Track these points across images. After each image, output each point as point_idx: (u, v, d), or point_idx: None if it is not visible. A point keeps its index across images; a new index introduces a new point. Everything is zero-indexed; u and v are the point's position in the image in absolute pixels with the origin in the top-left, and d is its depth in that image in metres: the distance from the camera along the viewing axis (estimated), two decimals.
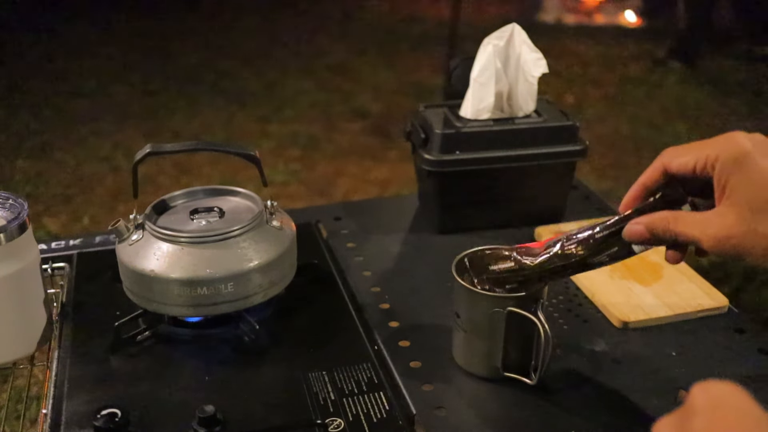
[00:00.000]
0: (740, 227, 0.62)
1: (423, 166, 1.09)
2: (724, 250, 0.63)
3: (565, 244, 0.75)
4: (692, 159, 0.65)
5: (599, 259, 0.73)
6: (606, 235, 0.72)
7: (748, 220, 0.62)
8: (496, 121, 1.10)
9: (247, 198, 0.94)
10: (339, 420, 0.74)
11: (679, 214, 0.67)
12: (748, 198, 0.62)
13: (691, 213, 0.67)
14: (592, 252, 0.73)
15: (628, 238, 0.69)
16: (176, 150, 0.89)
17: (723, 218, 0.63)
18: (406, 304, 0.95)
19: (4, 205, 0.83)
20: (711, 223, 0.64)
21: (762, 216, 0.61)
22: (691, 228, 0.65)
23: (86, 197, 2.86)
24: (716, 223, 0.63)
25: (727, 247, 0.63)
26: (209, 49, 4.54)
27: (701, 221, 0.65)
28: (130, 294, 0.87)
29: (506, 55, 1.08)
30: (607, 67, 4.27)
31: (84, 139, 3.34)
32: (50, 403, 0.77)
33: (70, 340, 0.87)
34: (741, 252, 0.63)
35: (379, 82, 4.04)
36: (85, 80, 4.02)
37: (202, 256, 0.83)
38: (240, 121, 3.56)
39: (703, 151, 0.65)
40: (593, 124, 3.43)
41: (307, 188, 2.92)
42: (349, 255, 1.07)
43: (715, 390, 0.42)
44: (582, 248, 0.73)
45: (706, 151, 0.65)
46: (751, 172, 0.62)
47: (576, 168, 1.14)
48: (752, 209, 0.61)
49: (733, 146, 0.63)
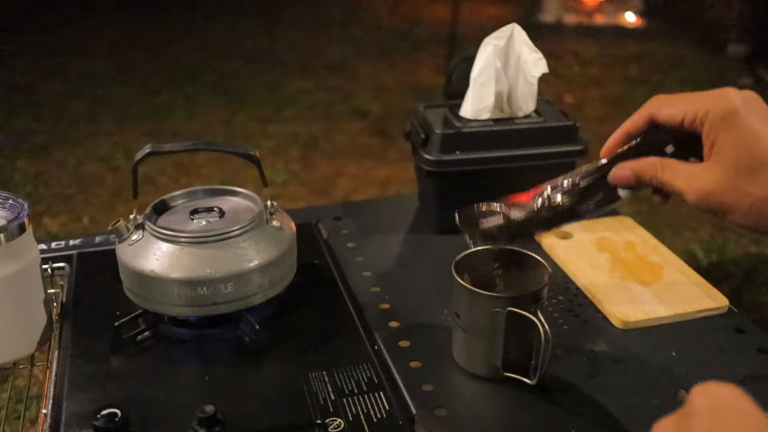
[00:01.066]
0: (725, 184, 0.62)
1: (423, 166, 1.09)
2: (707, 205, 0.63)
3: (550, 195, 0.74)
4: (681, 111, 0.65)
5: (586, 206, 0.73)
6: (590, 181, 0.72)
7: (732, 178, 0.61)
8: (496, 121, 1.10)
9: (247, 198, 0.94)
10: (339, 420, 0.74)
11: (667, 162, 0.66)
12: (735, 156, 0.61)
13: (679, 163, 0.66)
14: (578, 200, 0.72)
15: (614, 182, 0.69)
16: (176, 150, 0.89)
17: (709, 173, 0.63)
18: (406, 304, 0.95)
19: (4, 205, 0.83)
20: (697, 177, 0.63)
21: (747, 175, 0.61)
22: (677, 179, 0.65)
23: (86, 197, 2.86)
24: (702, 177, 0.63)
25: (710, 203, 0.63)
26: (209, 49, 4.54)
27: (688, 174, 0.64)
28: (130, 294, 0.87)
29: (506, 55, 1.08)
30: (607, 67, 4.27)
31: (84, 139, 3.34)
32: (50, 403, 0.77)
33: (70, 340, 0.87)
34: (723, 209, 0.63)
35: (379, 82, 4.04)
36: (85, 80, 4.02)
37: (202, 256, 0.83)
38: (240, 121, 3.56)
39: (693, 104, 0.64)
40: (593, 124, 3.43)
41: (307, 188, 2.92)
42: (349, 255, 1.07)
43: (716, 392, 0.42)
44: (567, 197, 0.73)
45: (696, 104, 0.64)
46: (739, 130, 0.61)
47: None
48: (738, 168, 0.61)
49: (724, 102, 0.63)
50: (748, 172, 0.61)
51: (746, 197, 0.61)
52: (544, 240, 1.09)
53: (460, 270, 0.81)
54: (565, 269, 1.03)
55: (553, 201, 0.73)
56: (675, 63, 4.28)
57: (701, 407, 0.42)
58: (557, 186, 0.74)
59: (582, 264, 1.03)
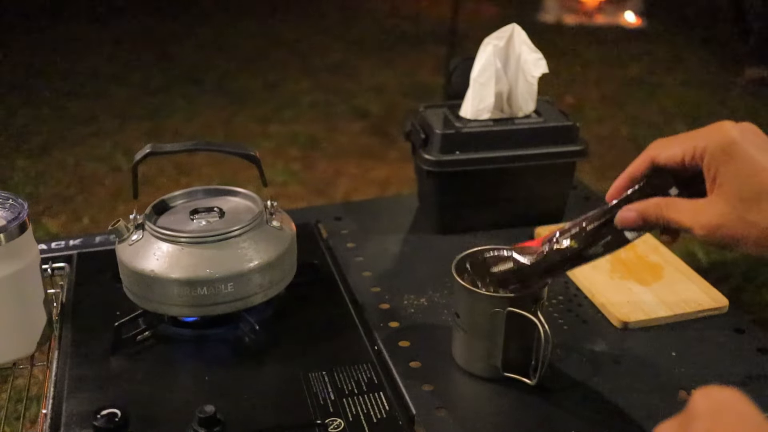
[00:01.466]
0: (730, 216, 0.62)
1: (423, 166, 1.09)
2: (715, 238, 0.63)
3: (558, 239, 0.75)
4: (680, 150, 0.65)
5: (594, 250, 0.73)
6: (597, 225, 0.72)
7: (738, 209, 0.62)
8: (496, 122, 1.10)
9: (247, 198, 0.94)
10: (339, 420, 0.74)
11: (671, 201, 0.67)
12: (737, 188, 0.62)
13: (683, 200, 0.67)
14: (586, 244, 0.73)
15: (620, 225, 0.70)
16: (176, 150, 0.89)
17: (713, 207, 0.63)
18: (406, 304, 0.95)
19: (4, 205, 0.83)
20: (702, 212, 0.64)
21: (751, 205, 0.61)
22: (683, 215, 0.65)
23: (86, 197, 2.86)
24: (707, 211, 0.63)
25: (718, 236, 0.63)
26: (209, 49, 4.54)
27: (693, 209, 0.65)
28: (130, 294, 0.87)
29: (506, 55, 1.08)
30: (607, 67, 4.27)
31: (84, 139, 3.34)
32: (50, 403, 0.77)
33: (69, 340, 0.87)
34: (732, 241, 0.63)
35: (379, 82, 4.04)
36: (85, 80, 4.02)
37: (202, 257, 0.83)
38: (240, 121, 3.55)
39: (691, 142, 0.65)
40: (593, 125, 3.43)
41: (306, 188, 2.92)
42: (349, 255, 1.07)
43: (717, 395, 0.42)
44: (576, 241, 0.74)
45: (693, 141, 0.65)
46: (738, 161, 0.62)
47: (576, 168, 1.14)
48: (741, 199, 0.62)
49: (721, 136, 0.63)
50: (751, 203, 0.61)
51: (753, 227, 0.62)
52: None
53: (460, 270, 0.81)
54: None
55: (561, 245, 0.74)
56: (675, 63, 4.28)
57: (702, 410, 0.42)
58: (565, 231, 0.75)
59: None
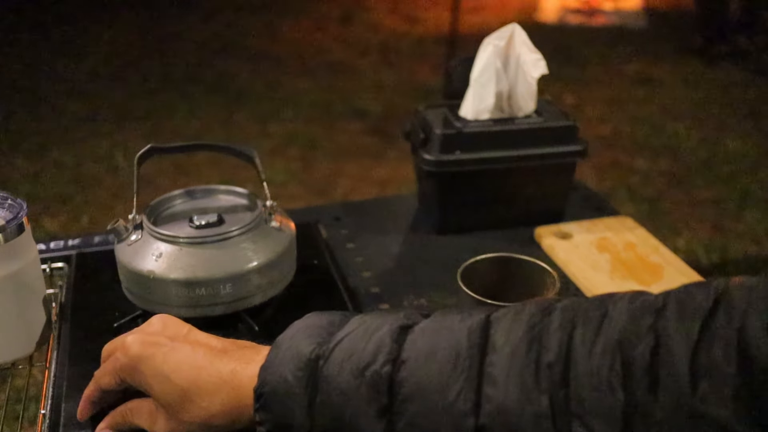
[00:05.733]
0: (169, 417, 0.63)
1: (423, 166, 1.09)
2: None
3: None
4: (111, 380, 0.66)
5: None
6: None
7: (170, 411, 0.62)
8: (496, 122, 1.09)
9: (246, 198, 0.93)
10: None
11: (136, 405, 0.66)
12: (160, 395, 0.62)
13: (146, 403, 0.65)
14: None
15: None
16: (177, 146, 0.89)
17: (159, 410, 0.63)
18: (406, 305, 0.95)
19: (3, 204, 0.83)
20: (158, 414, 0.63)
21: (177, 408, 0.61)
22: (143, 419, 0.65)
23: (85, 197, 2.86)
24: (159, 413, 0.63)
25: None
26: (209, 49, 4.54)
27: (150, 412, 0.64)
28: (129, 294, 0.87)
29: (506, 56, 1.08)
30: (607, 67, 4.27)
31: (83, 139, 3.34)
32: (49, 404, 0.77)
33: (68, 340, 0.86)
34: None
35: (379, 82, 4.04)
36: (85, 80, 4.02)
37: (201, 257, 0.83)
38: (240, 121, 3.56)
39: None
40: (593, 124, 3.43)
41: (306, 188, 2.92)
42: (349, 255, 1.06)
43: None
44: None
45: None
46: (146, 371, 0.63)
47: (576, 168, 1.14)
48: (168, 403, 0.62)
49: (123, 355, 0.64)
50: (176, 406, 0.62)
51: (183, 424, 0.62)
52: (544, 241, 1.09)
53: (466, 278, 0.80)
54: (565, 270, 1.02)
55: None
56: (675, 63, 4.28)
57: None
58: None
59: (582, 265, 1.02)
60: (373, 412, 0.53)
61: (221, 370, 0.60)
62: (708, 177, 2.98)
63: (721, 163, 3.09)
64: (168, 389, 0.61)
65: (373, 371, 0.53)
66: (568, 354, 0.50)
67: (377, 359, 0.54)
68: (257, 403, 0.57)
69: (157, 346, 0.63)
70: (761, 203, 2.77)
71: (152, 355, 0.62)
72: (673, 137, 3.33)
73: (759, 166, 3.06)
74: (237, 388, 0.59)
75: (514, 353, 0.51)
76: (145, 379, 0.62)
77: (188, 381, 0.60)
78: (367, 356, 0.54)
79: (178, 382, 0.60)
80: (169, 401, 0.61)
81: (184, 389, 0.60)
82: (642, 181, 2.96)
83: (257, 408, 0.57)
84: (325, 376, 0.55)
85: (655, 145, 3.28)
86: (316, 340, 0.58)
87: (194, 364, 0.61)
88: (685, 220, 2.64)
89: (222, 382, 0.59)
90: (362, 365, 0.54)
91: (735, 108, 3.65)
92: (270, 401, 0.56)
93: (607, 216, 1.16)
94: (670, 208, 2.73)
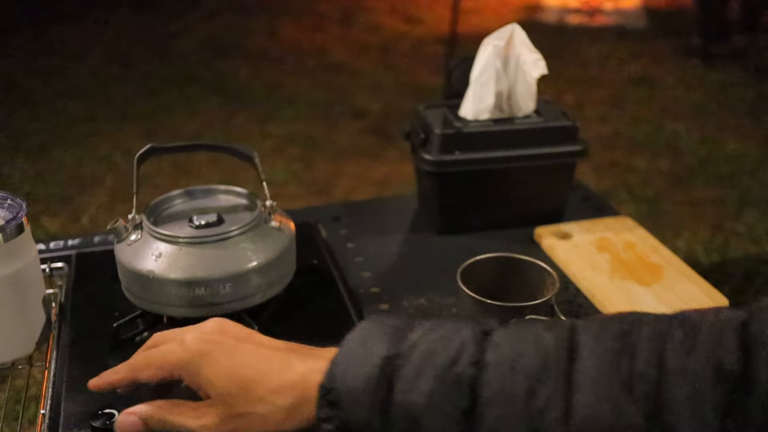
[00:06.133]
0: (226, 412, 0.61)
1: (422, 166, 1.09)
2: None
3: None
4: (156, 372, 0.63)
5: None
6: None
7: (228, 406, 0.60)
8: (496, 122, 1.09)
9: (246, 198, 0.93)
10: None
11: (175, 403, 0.63)
12: (218, 389, 0.61)
13: (187, 402, 0.63)
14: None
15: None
16: (177, 146, 0.89)
17: (210, 406, 0.61)
18: (406, 305, 0.95)
19: (3, 204, 0.83)
20: (204, 413, 0.61)
21: (236, 399, 0.60)
22: (186, 418, 0.62)
23: (85, 197, 2.86)
24: (208, 411, 0.61)
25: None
26: (209, 48, 4.54)
27: (195, 410, 0.62)
28: (129, 294, 0.87)
29: (506, 56, 1.08)
30: (607, 67, 4.27)
31: (83, 138, 3.34)
32: (48, 404, 0.77)
33: (68, 340, 0.86)
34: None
35: (379, 82, 4.04)
36: (84, 80, 4.02)
37: (201, 257, 0.83)
38: (240, 121, 3.55)
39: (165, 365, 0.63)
40: (593, 124, 3.42)
41: (306, 188, 2.91)
42: (349, 255, 1.06)
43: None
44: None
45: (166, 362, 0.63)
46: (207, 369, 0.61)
47: (576, 168, 1.14)
48: (228, 395, 0.60)
49: (183, 352, 0.62)
50: (235, 398, 0.60)
51: (245, 417, 0.60)
52: (544, 241, 1.08)
53: (465, 279, 0.80)
54: (565, 270, 1.02)
55: None
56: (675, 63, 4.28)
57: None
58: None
59: (582, 265, 1.02)
60: (454, 414, 0.52)
61: (292, 365, 0.59)
62: (708, 177, 2.97)
63: (721, 163, 3.09)
64: (231, 384, 0.59)
65: (456, 373, 0.52)
66: (660, 363, 0.49)
67: (460, 361, 0.53)
68: (323, 400, 0.55)
69: (218, 343, 0.61)
70: (761, 203, 2.77)
71: (215, 351, 0.61)
72: (672, 137, 3.33)
73: (759, 166, 3.06)
74: (307, 387, 0.57)
75: (603, 361, 0.50)
76: (205, 375, 0.60)
77: (257, 374, 0.59)
78: (449, 358, 0.53)
79: (245, 376, 0.59)
80: (232, 395, 0.59)
81: (250, 384, 0.59)
82: (641, 181, 2.96)
83: (323, 404, 0.55)
84: (404, 375, 0.54)
85: (655, 145, 3.28)
86: (390, 341, 0.56)
87: (263, 359, 0.60)
88: (684, 220, 2.64)
89: (293, 379, 0.58)
90: (445, 366, 0.53)
91: (735, 108, 3.64)
92: (340, 399, 0.55)
93: (607, 216, 1.16)
94: (670, 208, 2.73)
